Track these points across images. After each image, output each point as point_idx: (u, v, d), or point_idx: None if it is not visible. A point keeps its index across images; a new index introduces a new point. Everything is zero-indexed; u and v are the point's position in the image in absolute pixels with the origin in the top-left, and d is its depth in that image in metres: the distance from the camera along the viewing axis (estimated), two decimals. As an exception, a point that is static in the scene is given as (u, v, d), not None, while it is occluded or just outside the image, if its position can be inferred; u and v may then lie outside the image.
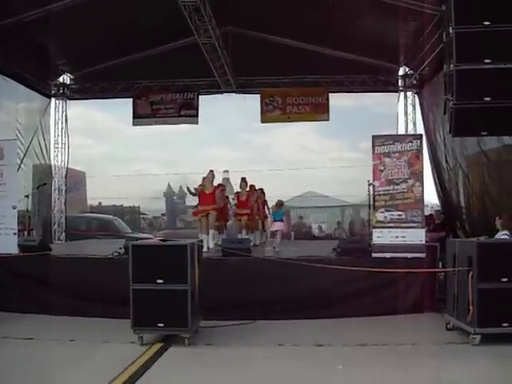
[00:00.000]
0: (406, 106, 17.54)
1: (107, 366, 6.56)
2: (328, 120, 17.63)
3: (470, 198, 13.22)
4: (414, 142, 9.84)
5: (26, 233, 12.64)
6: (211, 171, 12.34)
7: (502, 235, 8.89)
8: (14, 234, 10.25)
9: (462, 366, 6.43)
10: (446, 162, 14.53)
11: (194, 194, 12.38)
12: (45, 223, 16.92)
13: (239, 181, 13.51)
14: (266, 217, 15.00)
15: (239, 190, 13.60)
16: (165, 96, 17.72)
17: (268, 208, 14.80)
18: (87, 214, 23.73)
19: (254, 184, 14.17)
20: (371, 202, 9.96)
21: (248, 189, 13.58)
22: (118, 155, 36.55)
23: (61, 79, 17.60)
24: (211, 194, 12.03)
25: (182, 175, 26.06)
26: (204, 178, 12.48)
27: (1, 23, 12.28)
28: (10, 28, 12.47)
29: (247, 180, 13.67)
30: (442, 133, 14.37)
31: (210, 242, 11.59)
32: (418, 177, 9.72)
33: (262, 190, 14.87)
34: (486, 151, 11.78)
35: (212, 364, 6.74)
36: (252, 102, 17.93)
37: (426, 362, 6.66)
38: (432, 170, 15.71)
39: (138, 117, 17.88)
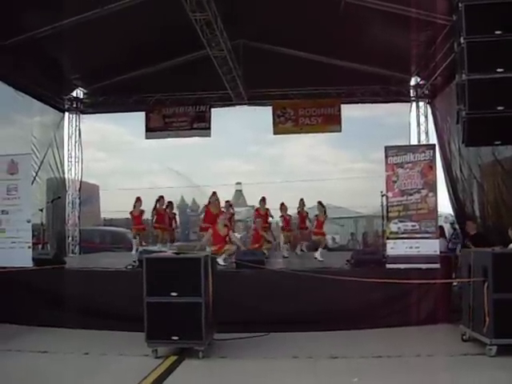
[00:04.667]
0: (418, 116, 17.46)
1: (122, 378, 6.59)
2: (340, 131, 17.65)
3: (484, 208, 13.11)
4: (427, 152, 9.80)
5: (40, 246, 12.71)
6: (214, 193, 12.95)
7: (518, 245, 8.83)
8: (29, 247, 10.30)
9: (478, 378, 6.38)
10: (461, 171, 14.45)
11: None
12: (59, 236, 16.98)
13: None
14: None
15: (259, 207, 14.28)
16: (177, 109, 17.80)
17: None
18: (101, 227, 23.82)
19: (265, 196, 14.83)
20: (384, 213, 9.93)
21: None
22: (130, 168, 36.87)
23: (74, 93, 17.72)
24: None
25: (196, 187, 26.18)
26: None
27: (15, 39, 12.48)
28: (24, 44, 12.65)
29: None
30: (456, 142, 14.30)
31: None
32: (432, 187, 9.68)
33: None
34: (501, 160, 11.72)
35: (226, 377, 6.74)
36: (264, 114, 17.98)
37: (442, 374, 6.60)
38: (445, 179, 15.63)
39: (151, 130, 17.97)
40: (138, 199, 13.82)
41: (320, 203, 13.64)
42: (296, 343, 8.22)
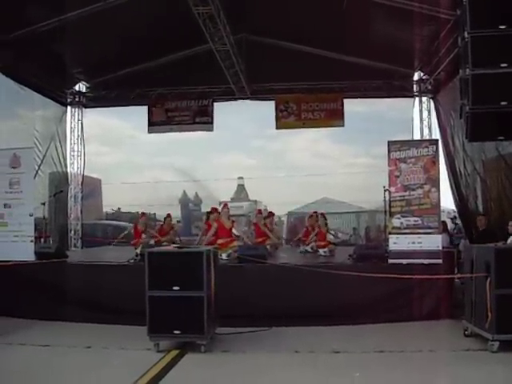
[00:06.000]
0: (421, 111, 17.41)
1: (124, 372, 6.58)
2: (343, 126, 17.58)
3: (487, 204, 13.07)
4: (430, 147, 9.79)
5: (42, 240, 12.70)
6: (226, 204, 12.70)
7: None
8: (31, 241, 10.34)
9: (480, 373, 6.37)
10: (465, 167, 14.40)
11: None
12: (61, 230, 16.99)
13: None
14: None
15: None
16: (180, 103, 17.78)
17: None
18: (103, 221, 23.85)
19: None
20: (387, 208, 9.91)
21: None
22: (133, 162, 36.80)
23: (76, 87, 17.70)
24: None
25: (198, 182, 26.17)
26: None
27: (18, 33, 12.45)
28: (27, 38, 12.63)
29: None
30: (460, 138, 14.22)
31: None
32: (434, 182, 9.67)
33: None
34: (505, 155, 11.68)
35: (228, 371, 6.74)
36: (266, 109, 17.95)
37: (444, 369, 6.62)
38: (448, 175, 15.59)
39: (153, 124, 17.94)
40: (143, 214, 13.86)
41: (322, 215, 13.59)
42: (298, 338, 8.23)
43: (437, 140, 10.99)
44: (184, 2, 11.16)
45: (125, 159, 40.91)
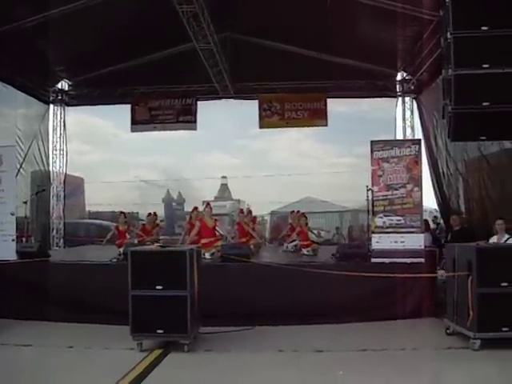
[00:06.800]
0: (404, 111, 17.54)
1: (107, 372, 6.55)
2: (326, 125, 17.66)
3: (469, 203, 13.18)
4: (413, 146, 9.84)
5: (24, 239, 12.58)
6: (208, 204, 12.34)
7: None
8: (13, 240, 10.23)
9: (462, 371, 6.43)
10: (447, 167, 14.51)
11: None
12: (43, 229, 16.89)
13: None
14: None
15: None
16: (163, 102, 17.74)
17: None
18: (86, 220, 23.70)
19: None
20: (370, 207, 9.96)
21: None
22: (116, 161, 36.70)
23: (59, 85, 17.62)
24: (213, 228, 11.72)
25: (181, 181, 26.12)
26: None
27: (-1, 30, 12.34)
28: (9, 35, 12.52)
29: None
30: (443, 137, 14.35)
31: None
32: (417, 182, 9.72)
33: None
34: (487, 156, 11.78)
35: (212, 370, 6.72)
36: (250, 108, 17.97)
37: (427, 367, 6.66)
38: (431, 174, 15.71)
39: (137, 123, 17.89)
40: (122, 213, 13.81)
41: (303, 214, 13.62)
42: (281, 337, 8.22)
43: (419, 140, 11.03)
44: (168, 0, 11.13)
45: (108, 158, 40.73)
